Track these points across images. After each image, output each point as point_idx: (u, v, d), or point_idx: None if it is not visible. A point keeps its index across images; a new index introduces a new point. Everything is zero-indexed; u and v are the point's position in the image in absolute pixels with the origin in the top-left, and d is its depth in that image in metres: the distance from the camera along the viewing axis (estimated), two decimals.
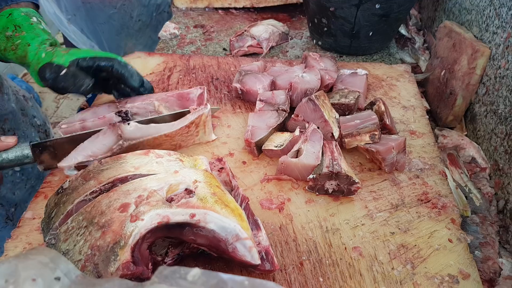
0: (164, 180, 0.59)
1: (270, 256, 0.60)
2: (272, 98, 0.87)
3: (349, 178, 0.70)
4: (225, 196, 0.60)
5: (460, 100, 0.95)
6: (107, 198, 0.56)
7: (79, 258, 0.51)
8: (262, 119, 0.84)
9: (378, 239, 0.67)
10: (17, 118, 0.97)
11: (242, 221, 0.57)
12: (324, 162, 0.73)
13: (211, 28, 1.33)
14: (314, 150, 0.75)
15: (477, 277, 0.63)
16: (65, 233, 0.55)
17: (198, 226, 0.55)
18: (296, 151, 0.77)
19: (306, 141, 0.76)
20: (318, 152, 0.75)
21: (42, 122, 1.10)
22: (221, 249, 0.56)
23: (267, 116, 0.84)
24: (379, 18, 1.05)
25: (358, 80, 0.94)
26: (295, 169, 0.75)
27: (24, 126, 1.01)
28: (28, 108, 1.05)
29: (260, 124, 0.83)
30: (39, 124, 1.08)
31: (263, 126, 0.82)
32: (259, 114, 0.85)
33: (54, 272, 0.33)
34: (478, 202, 0.81)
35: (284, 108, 0.85)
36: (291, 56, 1.19)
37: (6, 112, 0.93)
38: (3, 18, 0.82)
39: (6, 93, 0.95)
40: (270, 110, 0.85)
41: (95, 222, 0.53)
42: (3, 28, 0.81)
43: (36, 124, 1.07)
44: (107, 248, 0.50)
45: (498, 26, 0.86)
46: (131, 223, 0.52)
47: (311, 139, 0.77)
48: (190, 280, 0.28)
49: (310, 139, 0.76)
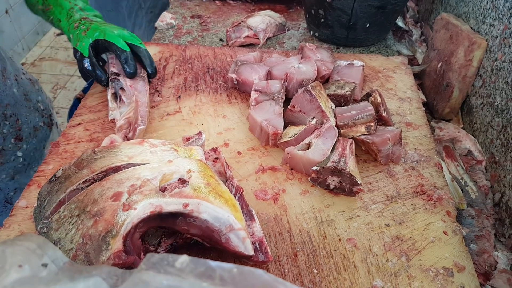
0: (158, 169, 0.59)
1: (264, 247, 0.59)
2: (267, 87, 0.86)
3: (353, 178, 0.69)
4: (219, 186, 0.59)
5: (457, 92, 0.95)
6: (99, 187, 0.55)
7: (71, 247, 0.50)
8: (266, 110, 0.82)
9: (373, 230, 0.67)
10: (19, 103, 0.97)
11: (236, 212, 0.57)
12: (331, 157, 0.72)
13: (208, 19, 1.32)
14: (323, 147, 0.74)
15: (472, 270, 0.62)
16: (57, 222, 0.54)
17: (191, 216, 0.54)
18: (307, 145, 0.76)
19: (319, 136, 0.75)
20: (327, 150, 0.73)
21: (46, 106, 1.10)
22: (214, 240, 0.56)
23: (268, 106, 0.83)
24: (376, 10, 1.04)
25: (354, 71, 0.93)
26: (300, 162, 0.75)
27: (27, 111, 1.00)
28: (33, 92, 1.05)
29: (269, 115, 0.81)
30: (43, 109, 1.07)
31: (273, 116, 0.81)
32: (259, 107, 0.83)
33: (41, 258, 0.32)
34: (474, 195, 0.81)
35: (279, 95, 0.84)
36: (288, 47, 1.18)
37: (7, 98, 0.93)
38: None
39: (8, 78, 0.94)
40: (266, 100, 0.84)
41: (87, 210, 0.53)
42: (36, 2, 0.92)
43: (40, 109, 1.06)
44: (98, 237, 0.50)
45: (495, 18, 0.86)
46: (124, 212, 0.51)
47: (325, 135, 0.75)
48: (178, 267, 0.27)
49: (323, 135, 0.75)
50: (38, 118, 1.04)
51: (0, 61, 0.94)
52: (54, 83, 2.74)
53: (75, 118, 0.88)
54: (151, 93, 0.94)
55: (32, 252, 0.33)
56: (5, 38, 2.73)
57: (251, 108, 0.83)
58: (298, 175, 0.76)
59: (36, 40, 3.14)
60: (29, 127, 0.99)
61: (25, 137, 0.98)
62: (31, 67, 2.89)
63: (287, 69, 0.90)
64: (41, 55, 3.02)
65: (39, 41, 3.16)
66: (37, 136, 1.02)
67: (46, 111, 1.09)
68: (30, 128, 1.00)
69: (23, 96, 0.99)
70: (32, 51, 3.06)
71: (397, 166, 0.78)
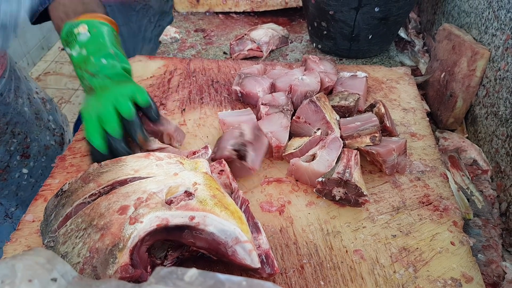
0: (164, 182, 0.59)
1: (271, 259, 0.59)
2: (273, 100, 0.87)
3: (358, 189, 0.68)
4: (225, 198, 0.59)
5: (461, 102, 0.95)
6: (106, 201, 0.55)
7: (78, 261, 0.51)
8: (274, 123, 0.82)
9: (380, 242, 0.67)
10: (30, 122, 0.97)
11: (242, 224, 0.57)
12: (336, 168, 0.72)
13: (212, 32, 1.33)
14: (328, 158, 0.74)
15: (480, 281, 0.62)
16: (64, 236, 0.54)
17: (197, 229, 0.54)
18: (312, 156, 0.76)
19: (324, 147, 0.76)
20: (332, 161, 0.73)
21: (57, 126, 1.10)
22: (220, 252, 0.56)
23: (276, 118, 0.83)
24: (379, 21, 1.05)
25: (358, 82, 0.93)
26: (305, 173, 0.75)
27: (37, 129, 1.01)
28: (44, 111, 1.05)
29: (275, 127, 0.81)
30: (54, 128, 1.08)
31: (279, 129, 0.81)
32: (267, 119, 0.83)
33: (50, 273, 0.33)
34: (480, 204, 0.81)
35: (288, 108, 0.85)
36: (291, 60, 1.19)
37: (17, 116, 0.93)
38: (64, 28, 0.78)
39: (20, 97, 0.95)
40: (275, 112, 0.84)
41: (94, 224, 0.53)
42: None
43: (51, 128, 1.07)
44: (105, 251, 0.50)
45: (497, 28, 0.86)
46: (130, 225, 0.51)
47: (329, 146, 0.75)
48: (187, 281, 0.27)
49: (328, 146, 0.75)
50: (49, 137, 1.04)
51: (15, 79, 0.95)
52: (59, 97, 2.77)
53: (80, 132, 0.89)
54: None
55: (41, 267, 0.33)
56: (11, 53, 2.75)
57: (260, 119, 0.84)
58: (304, 186, 0.76)
59: (41, 54, 3.18)
60: (39, 145, 1.00)
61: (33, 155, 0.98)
62: (36, 81, 2.92)
63: (290, 81, 0.91)
64: (46, 70, 3.05)
65: (44, 56, 3.20)
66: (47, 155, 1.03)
67: (58, 129, 1.10)
68: (40, 147, 1.00)
69: (34, 115, 1.00)
70: (37, 66, 3.09)
71: (402, 176, 0.78)
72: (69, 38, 0.77)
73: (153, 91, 1.00)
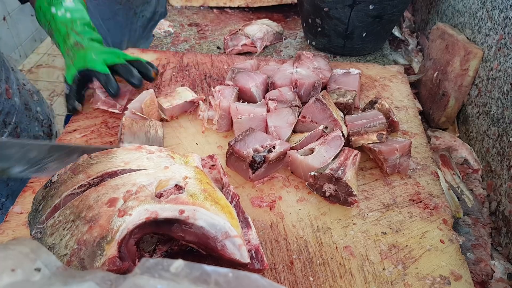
0: (154, 175, 0.58)
1: (260, 255, 0.59)
2: (281, 95, 0.86)
3: (348, 188, 0.68)
4: (215, 193, 0.59)
5: (453, 101, 0.95)
6: (95, 193, 0.55)
7: (65, 253, 0.50)
8: (280, 118, 0.82)
9: (370, 238, 0.67)
10: (20, 112, 0.97)
11: (232, 219, 0.56)
12: (331, 164, 0.71)
13: (206, 27, 1.32)
14: (325, 155, 0.74)
15: (469, 279, 0.62)
16: (51, 227, 0.53)
17: (187, 223, 0.54)
18: (310, 150, 0.76)
19: (324, 144, 0.75)
20: (328, 158, 0.73)
21: (45, 117, 1.10)
22: (210, 247, 0.55)
23: (284, 114, 0.82)
24: (373, 19, 1.05)
25: (351, 79, 0.93)
26: (299, 166, 0.74)
27: (27, 120, 1.00)
28: (32, 102, 1.05)
29: (280, 123, 0.81)
30: (42, 119, 1.07)
31: (284, 125, 0.81)
32: (276, 113, 0.83)
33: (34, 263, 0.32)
34: (471, 203, 0.81)
35: (296, 103, 0.84)
36: (285, 56, 1.19)
37: (8, 106, 0.92)
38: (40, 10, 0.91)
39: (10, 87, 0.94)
40: (284, 107, 0.84)
41: (83, 216, 0.52)
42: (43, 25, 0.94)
43: (40, 119, 1.06)
44: (93, 243, 0.49)
45: (491, 28, 0.86)
46: (119, 218, 0.51)
47: (329, 143, 0.75)
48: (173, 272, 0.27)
49: (328, 144, 0.75)
50: (38, 128, 1.04)
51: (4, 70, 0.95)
52: (51, 90, 2.74)
53: (71, 124, 0.88)
54: None
55: (25, 256, 0.32)
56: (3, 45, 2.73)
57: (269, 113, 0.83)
58: (295, 182, 0.76)
59: (33, 47, 3.15)
60: (28, 135, 0.99)
61: None
62: (28, 74, 2.88)
63: (286, 77, 0.90)
64: (38, 62, 3.02)
65: (36, 48, 3.17)
66: None
67: (46, 121, 1.10)
68: (30, 137, 0.99)
69: (24, 105, 0.99)
70: (29, 58, 3.06)
71: (393, 174, 0.78)
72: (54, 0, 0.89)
73: (146, 84, 0.99)
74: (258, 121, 0.81)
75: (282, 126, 0.80)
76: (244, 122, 0.81)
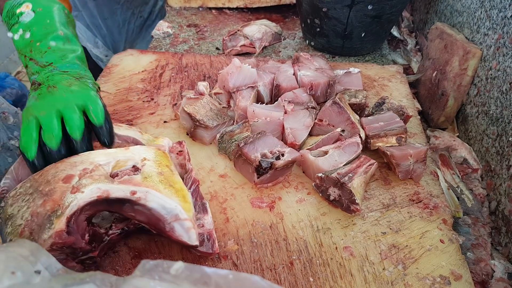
0: (113, 155, 0.60)
1: (212, 239, 0.61)
2: (296, 97, 0.85)
3: (352, 195, 0.67)
4: (172, 176, 0.60)
5: (452, 101, 0.95)
6: (54, 169, 0.57)
7: (20, 223, 0.52)
8: (297, 120, 0.81)
9: (369, 239, 0.67)
10: None
11: (185, 202, 0.58)
12: (340, 169, 0.71)
13: (205, 28, 1.32)
14: (337, 159, 0.73)
15: (469, 279, 0.62)
16: (12, 198, 0.55)
17: (138, 203, 0.55)
18: (324, 152, 0.75)
19: (339, 148, 0.75)
20: (340, 163, 0.73)
21: None
22: (159, 227, 0.57)
23: (301, 115, 0.82)
24: (372, 19, 1.05)
25: (354, 78, 0.93)
26: (310, 167, 0.74)
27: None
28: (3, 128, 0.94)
29: (297, 125, 0.80)
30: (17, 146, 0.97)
31: (300, 127, 0.80)
32: (293, 115, 0.82)
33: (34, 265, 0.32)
34: (470, 203, 0.81)
35: (313, 105, 0.84)
36: (284, 56, 1.19)
37: None
38: None
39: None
40: (300, 109, 0.83)
41: (40, 190, 0.54)
42: None
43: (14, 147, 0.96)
44: (44, 216, 0.51)
45: (489, 28, 0.86)
46: (71, 194, 0.53)
47: (345, 149, 0.75)
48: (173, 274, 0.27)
49: (343, 149, 0.75)
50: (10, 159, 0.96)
51: None
52: None
53: None
54: (147, 101, 0.94)
55: (25, 259, 0.32)
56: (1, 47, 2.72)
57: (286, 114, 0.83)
58: (295, 183, 0.76)
59: None
60: None
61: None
62: (26, 75, 2.88)
63: (293, 78, 0.90)
64: None
65: None
66: None
67: None
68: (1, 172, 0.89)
69: None
70: None
71: (393, 173, 0.78)
72: (10, 20, 0.66)
73: (145, 86, 0.99)
74: (274, 125, 0.81)
75: (298, 128, 0.80)
76: (260, 126, 0.81)
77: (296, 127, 0.80)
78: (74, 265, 0.55)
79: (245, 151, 0.72)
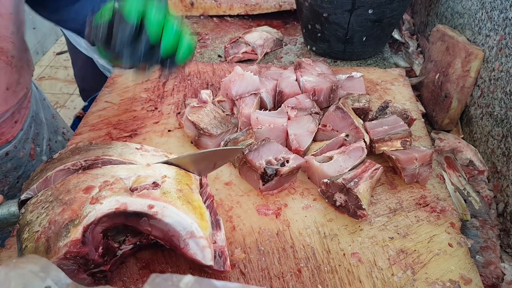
0: (135, 170, 0.60)
1: (224, 257, 0.60)
2: (299, 103, 0.85)
3: (358, 201, 0.67)
4: (191, 194, 0.60)
5: (456, 103, 0.95)
6: (76, 179, 0.57)
7: (37, 230, 0.52)
8: (301, 126, 0.81)
9: (377, 244, 0.66)
10: None
11: (202, 220, 0.57)
12: (346, 174, 0.71)
13: (206, 36, 1.33)
14: (342, 165, 0.73)
15: (479, 282, 0.62)
16: (33, 205, 0.56)
17: (154, 218, 0.55)
18: (329, 158, 0.75)
19: (344, 153, 0.75)
20: (345, 168, 0.73)
21: None
22: (173, 244, 0.57)
23: (305, 121, 0.82)
24: (372, 23, 1.05)
25: (357, 83, 0.94)
26: (315, 173, 0.74)
27: None
28: None
29: (301, 131, 0.80)
30: None
31: (304, 133, 0.80)
32: (296, 120, 0.82)
33: (44, 281, 0.32)
34: (477, 205, 0.81)
35: (316, 111, 0.84)
36: (285, 62, 1.19)
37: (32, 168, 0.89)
38: None
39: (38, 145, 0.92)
40: (304, 115, 0.83)
41: (60, 198, 0.55)
42: None
43: None
44: (62, 224, 0.51)
45: (491, 29, 0.86)
46: (90, 205, 0.53)
47: (350, 154, 0.75)
48: None
49: (348, 154, 0.75)
50: None
51: (35, 126, 0.91)
52: (54, 102, 2.75)
53: (75, 137, 0.88)
54: (151, 111, 0.95)
55: (35, 275, 0.32)
56: None
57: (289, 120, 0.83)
58: (300, 189, 0.75)
59: (36, 59, 3.16)
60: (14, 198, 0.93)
61: None
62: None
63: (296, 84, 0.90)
64: (41, 75, 3.03)
65: (38, 61, 3.18)
66: None
67: None
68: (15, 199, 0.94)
69: None
70: None
71: (398, 177, 0.78)
72: None
73: (148, 95, 1.00)
74: (278, 132, 0.81)
75: (302, 134, 0.80)
76: (264, 133, 0.81)
77: (300, 133, 0.80)
78: (85, 277, 0.55)
79: (250, 158, 0.72)
